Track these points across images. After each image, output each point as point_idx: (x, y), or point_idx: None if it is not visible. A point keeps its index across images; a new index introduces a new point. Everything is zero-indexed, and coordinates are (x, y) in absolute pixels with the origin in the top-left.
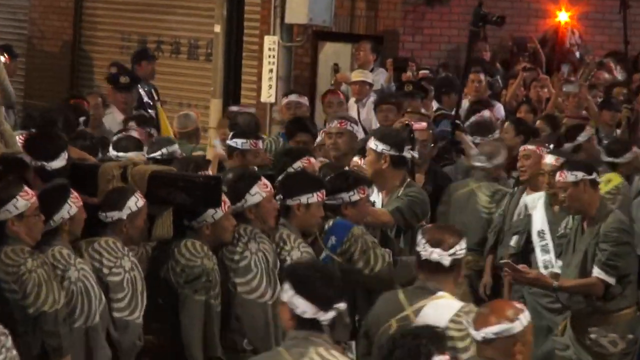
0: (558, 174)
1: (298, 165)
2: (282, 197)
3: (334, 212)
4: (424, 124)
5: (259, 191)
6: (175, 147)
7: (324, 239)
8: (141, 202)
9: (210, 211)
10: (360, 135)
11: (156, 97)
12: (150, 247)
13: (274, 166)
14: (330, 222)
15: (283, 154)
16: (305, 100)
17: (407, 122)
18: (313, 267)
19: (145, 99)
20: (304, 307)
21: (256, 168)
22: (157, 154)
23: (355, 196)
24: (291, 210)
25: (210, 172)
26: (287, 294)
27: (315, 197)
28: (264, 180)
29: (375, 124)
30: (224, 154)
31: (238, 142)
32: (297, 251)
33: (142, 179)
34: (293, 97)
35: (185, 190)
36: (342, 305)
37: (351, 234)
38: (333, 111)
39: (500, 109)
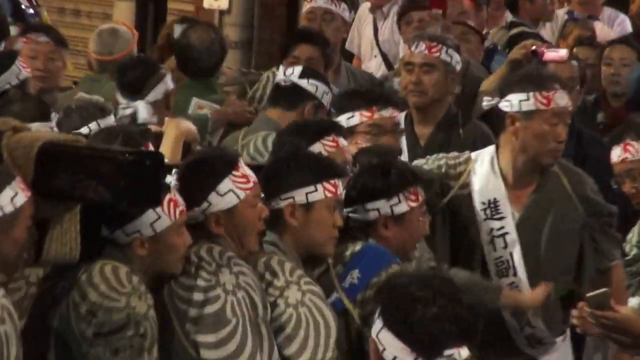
0: (620, 148)
1: (317, 148)
2: (265, 195)
3: (365, 233)
4: (562, 53)
5: (234, 188)
6: (111, 120)
7: (341, 273)
8: (22, 196)
9: (149, 216)
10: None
11: (34, 1)
12: (38, 275)
13: (275, 150)
14: (357, 247)
15: (292, 128)
16: (342, 9)
17: (532, 46)
18: (421, 282)
19: (25, 3)
20: (394, 349)
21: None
22: (81, 130)
23: (401, 205)
24: (281, 217)
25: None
26: (376, 325)
27: (320, 192)
28: (244, 168)
29: (404, 49)
30: (195, 132)
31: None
32: (295, 290)
33: (26, 155)
34: (321, 2)
35: (102, 176)
36: (461, 353)
37: (389, 271)
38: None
39: (625, 23)
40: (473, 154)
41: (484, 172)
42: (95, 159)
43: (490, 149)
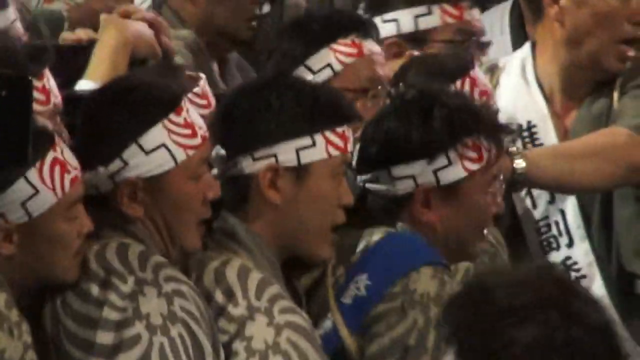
0: None
1: (325, 57)
2: (226, 150)
3: (392, 215)
4: None
5: (169, 142)
6: (7, 18)
7: (342, 281)
8: None
9: (19, 190)
10: None
11: None
12: None
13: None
14: (376, 237)
15: (287, 26)
16: None
17: None
18: (518, 286)
19: None
20: None
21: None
22: None
23: (453, 169)
24: (254, 188)
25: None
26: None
27: (320, 147)
28: (191, 113)
29: None
30: (150, 38)
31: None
32: (264, 325)
33: None
34: None
35: None
36: None
37: (411, 279)
38: None
39: None
40: (501, 60)
41: (511, 83)
42: None
43: (524, 49)
